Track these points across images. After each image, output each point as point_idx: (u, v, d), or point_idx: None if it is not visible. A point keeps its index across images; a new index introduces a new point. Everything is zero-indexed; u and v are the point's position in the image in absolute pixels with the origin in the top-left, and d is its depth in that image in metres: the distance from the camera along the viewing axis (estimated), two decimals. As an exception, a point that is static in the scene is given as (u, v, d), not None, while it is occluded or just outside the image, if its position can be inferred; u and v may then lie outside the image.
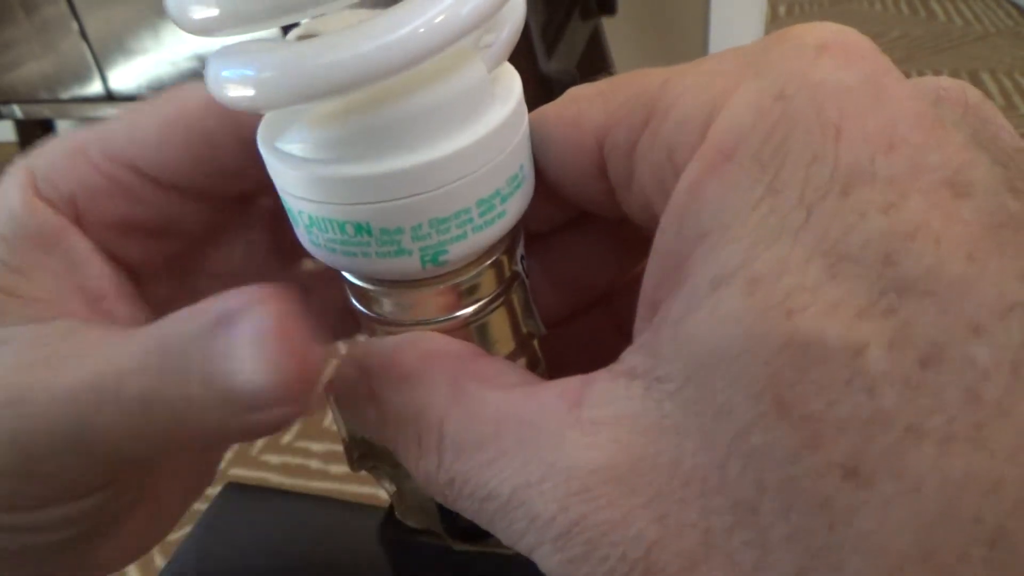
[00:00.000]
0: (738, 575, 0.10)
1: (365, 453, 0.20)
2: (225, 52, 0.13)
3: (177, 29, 0.13)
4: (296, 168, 0.14)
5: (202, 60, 0.14)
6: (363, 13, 0.14)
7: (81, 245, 0.18)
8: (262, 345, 0.13)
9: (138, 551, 0.20)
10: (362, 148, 0.13)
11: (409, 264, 0.14)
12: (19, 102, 1.26)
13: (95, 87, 1.17)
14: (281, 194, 0.15)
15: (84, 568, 0.18)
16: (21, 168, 0.18)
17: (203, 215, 0.20)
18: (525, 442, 0.13)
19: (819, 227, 0.11)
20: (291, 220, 0.15)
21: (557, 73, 0.97)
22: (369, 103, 0.13)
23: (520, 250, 0.17)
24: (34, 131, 1.77)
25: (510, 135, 0.14)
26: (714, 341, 0.11)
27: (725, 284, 0.11)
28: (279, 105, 0.13)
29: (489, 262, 0.16)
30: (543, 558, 0.12)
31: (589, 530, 0.11)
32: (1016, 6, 1.92)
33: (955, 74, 1.66)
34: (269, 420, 0.14)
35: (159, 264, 0.20)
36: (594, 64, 1.32)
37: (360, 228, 0.14)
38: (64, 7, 1.11)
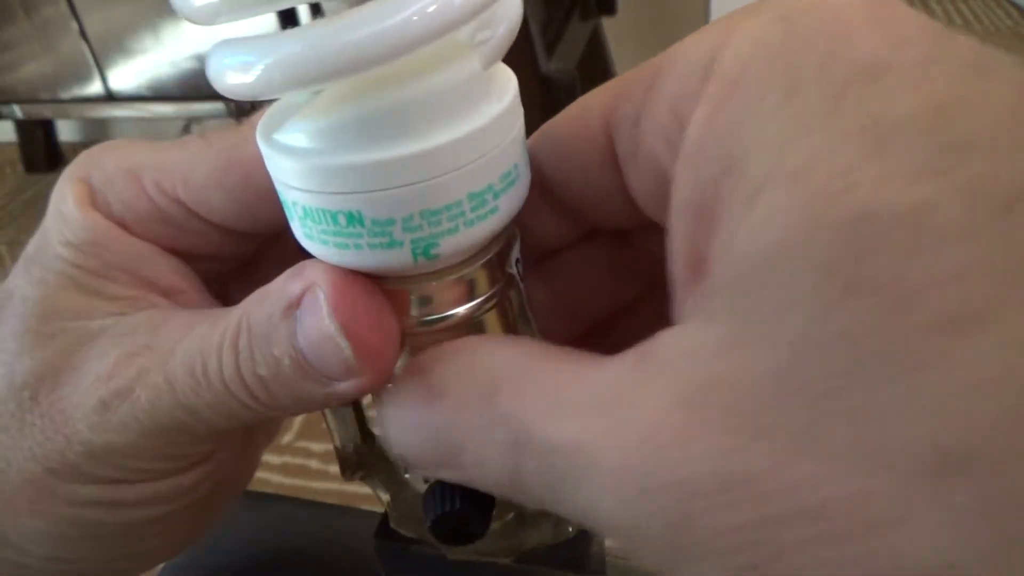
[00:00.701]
0: (836, 464, 0.09)
1: (358, 462, 0.20)
2: (225, 43, 0.13)
3: (177, 29, 0.13)
4: (290, 157, 0.14)
5: (202, 60, 0.14)
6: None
7: (144, 248, 0.19)
8: (325, 326, 0.14)
9: (181, 544, 0.21)
10: (355, 138, 0.13)
11: (400, 257, 0.14)
12: (19, 102, 1.26)
13: (95, 87, 1.18)
14: (277, 186, 0.15)
15: (159, 549, 0.20)
16: (77, 180, 0.19)
17: (245, 248, 0.20)
18: (590, 398, 0.12)
19: (851, 113, 0.10)
20: (287, 214, 0.15)
21: (557, 73, 0.97)
22: (364, 93, 0.13)
23: (516, 253, 0.17)
24: (34, 131, 1.78)
25: (504, 131, 0.14)
26: (762, 246, 0.10)
27: (763, 189, 0.11)
28: (275, 91, 0.13)
29: (482, 261, 0.16)
30: (610, 512, 0.11)
31: (661, 470, 0.11)
32: (1016, 6, 1.92)
33: (956, 74, 1.66)
34: (348, 390, 0.15)
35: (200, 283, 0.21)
36: (594, 64, 1.32)
37: (352, 218, 0.14)
38: (64, 7, 1.11)
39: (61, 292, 0.18)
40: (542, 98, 0.98)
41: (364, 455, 0.20)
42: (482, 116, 0.14)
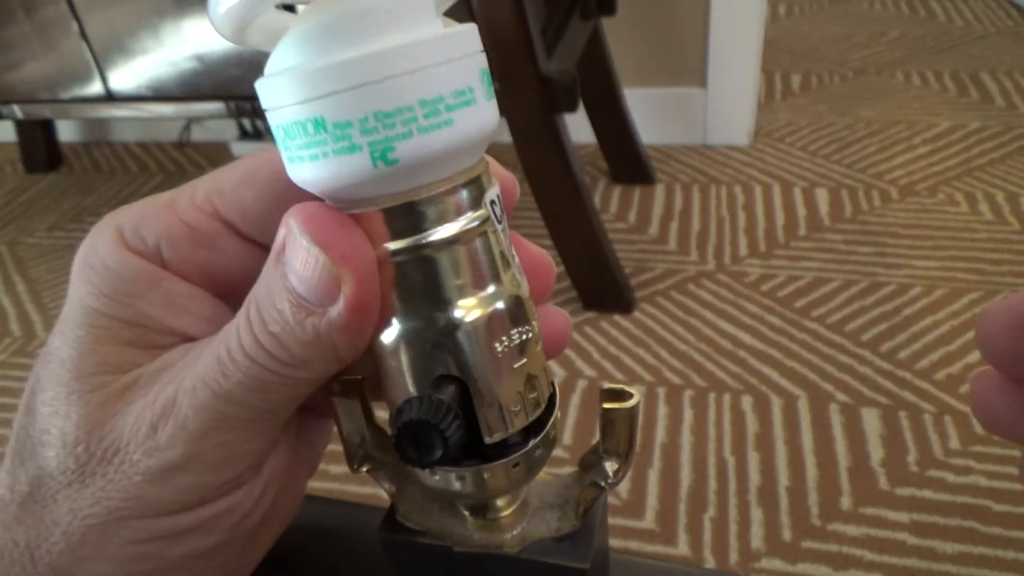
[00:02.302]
0: None
1: (365, 454, 0.20)
2: None
3: (177, 29, 0.14)
4: (269, 79, 0.16)
5: (202, 60, 0.15)
6: None
7: (181, 287, 0.20)
8: (304, 246, 0.16)
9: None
10: (315, 47, 0.15)
11: (361, 162, 0.15)
12: (19, 102, 1.25)
13: (95, 87, 1.17)
14: (268, 122, 0.16)
15: None
16: (108, 225, 0.20)
17: None
18: None
19: None
20: (279, 149, 0.17)
21: (557, 73, 0.97)
22: (322, 10, 0.15)
23: (492, 195, 0.17)
24: (34, 131, 1.77)
25: (454, 49, 0.16)
26: None
27: None
28: (252, 9, 0.15)
29: (448, 187, 0.16)
30: None
31: None
32: (1016, 6, 1.92)
33: (955, 74, 1.66)
34: (343, 313, 0.16)
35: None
36: (594, 64, 1.32)
37: (317, 124, 0.15)
38: (64, 7, 1.10)
39: (97, 347, 0.19)
40: (542, 98, 0.98)
41: (370, 447, 0.20)
42: (430, 30, 0.16)
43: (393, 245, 0.16)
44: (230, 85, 1.10)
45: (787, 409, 0.95)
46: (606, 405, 0.19)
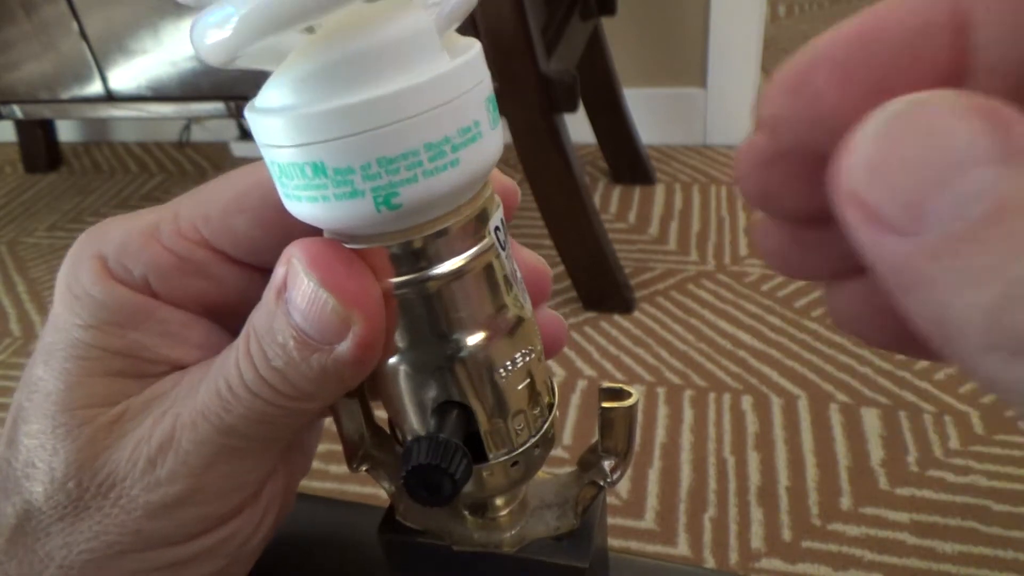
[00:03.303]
0: None
1: (365, 453, 0.20)
2: (201, 14, 0.14)
3: (177, 29, 0.13)
4: (263, 116, 0.15)
5: (202, 61, 0.14)
6: None
7: (172, 314, 0.19)
8: (310, 287, 0.16)
9: None
10: (314, 90, 0.14)
11: (364, 207, 0.15)
12: (19, 102, 1.25)
13: (95, 87, 1.17)
14: (261, 151, 0.16)
15: None
16: (88, 252, 0.19)
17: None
18: None
19: None
20: (274, 182, 0.16)
21: (557, 73, 0.97)
22: (323, 49, 0.14)
23: (495, 221, 0.17)
24: (34, 131, 1.78)
25: (459, 85, 0.15)
26: None
27: None
28: (253, 37, 0.14)
29: (453, 222, 0.16)
30: None
31: None
32: (1016, 6, 1.92)
33: (955, 74, 1.65)
34: (351, 349, 0.16)
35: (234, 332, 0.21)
36: (594, 64, 1.32)
37: (317, 169, 0.15)
38: (64, 7, 1.10)
39: (84, 379, 0.18)
40: (542, 98, 0.98)
41: (369, 447, 0.20)
42: (433, 70, 0.15)
43: (397, 280, 0.16)
44: (230, 85, 1.10)
45: (787, 409, 0.95)
46: (605, 404, 0.19)
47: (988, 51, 0.12)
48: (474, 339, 0.17)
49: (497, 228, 0.17)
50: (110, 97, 1.18)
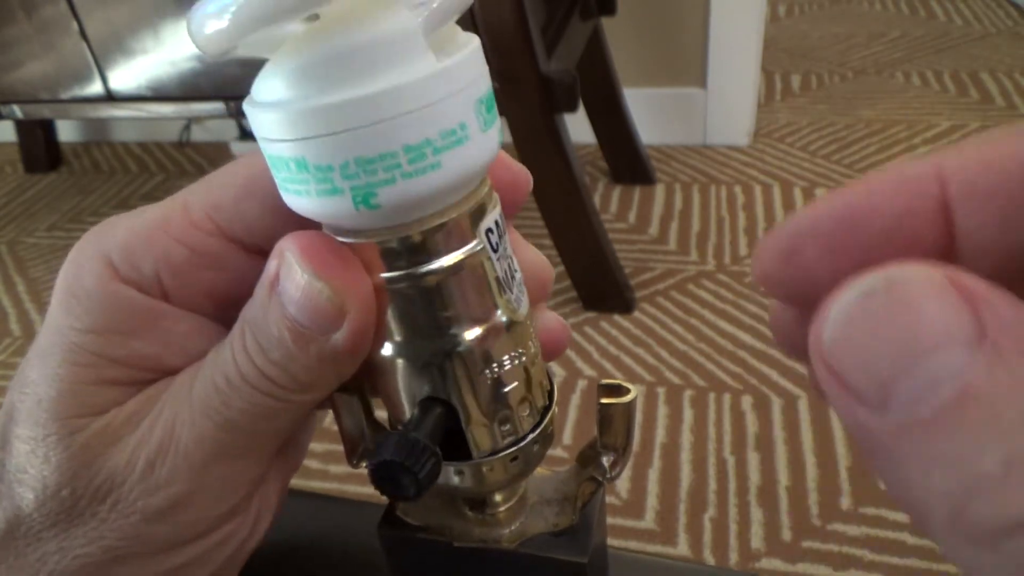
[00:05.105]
0: None
1: (365, 449, 0.20)
2: (198, 4, 0.14)
3: (177, 29, 0.13)
4: (255, 109, 0.15)
5: (202, 60, 0.14)
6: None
7: (177, 323, 0.19)
8: (304, 278, 0.16)
9: None
10: (297, 86, 0.14)
11: (343, 204, 0.15)
12: (19, 102, 1.25)
13: (95, 87, 1.17)
14: (257, 141, 0.16)
15: None
16: (93, 251, 0.18)
17: None
18: None
19: None
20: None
21: (557, 73, 0.97)
22: (309, 46, 0.14)
23: (489, 223, 0.17)
24: (34, 131, 1.78)
25: (442, 87, 0.15)
26: None
27: None
28: (247, 29, 0.14)
29: (440, 221, 0.16)
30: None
31: None
32: (1016, 6, 1.92)
33: (955, 74, 1.66)
34: (346, 338, 0.16)
35: None
36: (594, 64, 1.33)
37: (300, 164, 0.15)
38: (64, 7, 1.10)
39: (76, 387, 0.18)
40: (542, 98, 0.98)
41: (369, 443, 0.20)
42: (416, 71, 0.14)
43: (387, 275, 0.16)
44: (230, 85, 1.10)
45: (787, 409, 0.95)
46: (603, 400, 0.19)
47: (971, 235, 0.12)
48: (460, 339, 0.17)
49: (490, 230, 0.17)
50: (110, 97, 1.18)
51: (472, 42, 0.16)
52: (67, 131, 1.92)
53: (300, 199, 0.16)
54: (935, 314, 0.10)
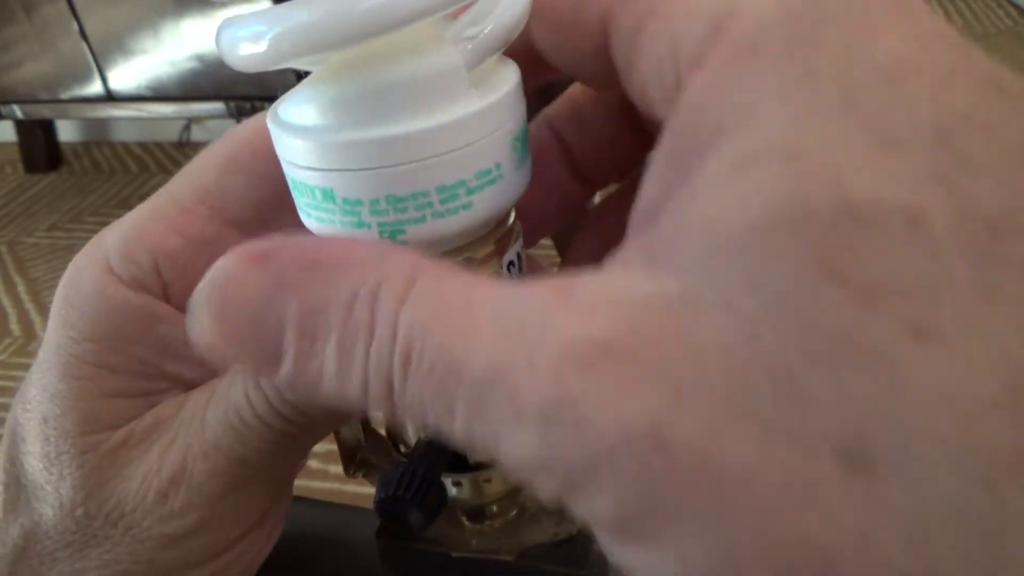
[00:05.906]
0: (771, 444, 0.09)
1: (361, 459, 0.20)
2: (234, 18, 0.14)
3: (177, 29, 0.13)
4: (282, 130, 0.15)
5: (202, 60, 0.14)
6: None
7: (175, 328, 0.18)
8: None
9: None
10: (332, 117, 0.14)
11: (368, 237, 0.15)
12: (19, 102, 1.26)
13: (95, 87, 1.17)
14: (280, 159, 0.16)
15: None
16: (93, 254, 0.18)
17: None
18: (504, 319, 0.11)
19: (865, 110, 0.10)
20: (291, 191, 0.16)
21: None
22: (347, 76, 0.14)
23: (511, 255, 0.17)
24: (34, 131, 1.78)
25: (481, 128, 0.14)
26: (743, 216, 0.10)
27: (756, 162, 0.10)
28: (284, 59, 0.13)
29: (464, 256, 0.16)
30: (519, 446, 0.10)
31: (582, 406, 0.10)
32: (1016, 6, 1.92)
33: (956, 74, 1.65)
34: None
35: None
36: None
37: (326, 194, 0.14)
38: (64, 7, 1.11)
39: (79, 403, 0.18)
40: (542, 98, 0.98)
41: (366, 452, 0.20)
42: (457, 111, 0.14)
43: None
44: (230, 85, 1.10)
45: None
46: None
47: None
48: None
49: (512, 263, 0.17)
50: (110, 97, 1.18)
51: (513, 77, 0.15)
52: (67, 131, 1.92)
53: (323, 227, 0.15)
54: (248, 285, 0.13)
